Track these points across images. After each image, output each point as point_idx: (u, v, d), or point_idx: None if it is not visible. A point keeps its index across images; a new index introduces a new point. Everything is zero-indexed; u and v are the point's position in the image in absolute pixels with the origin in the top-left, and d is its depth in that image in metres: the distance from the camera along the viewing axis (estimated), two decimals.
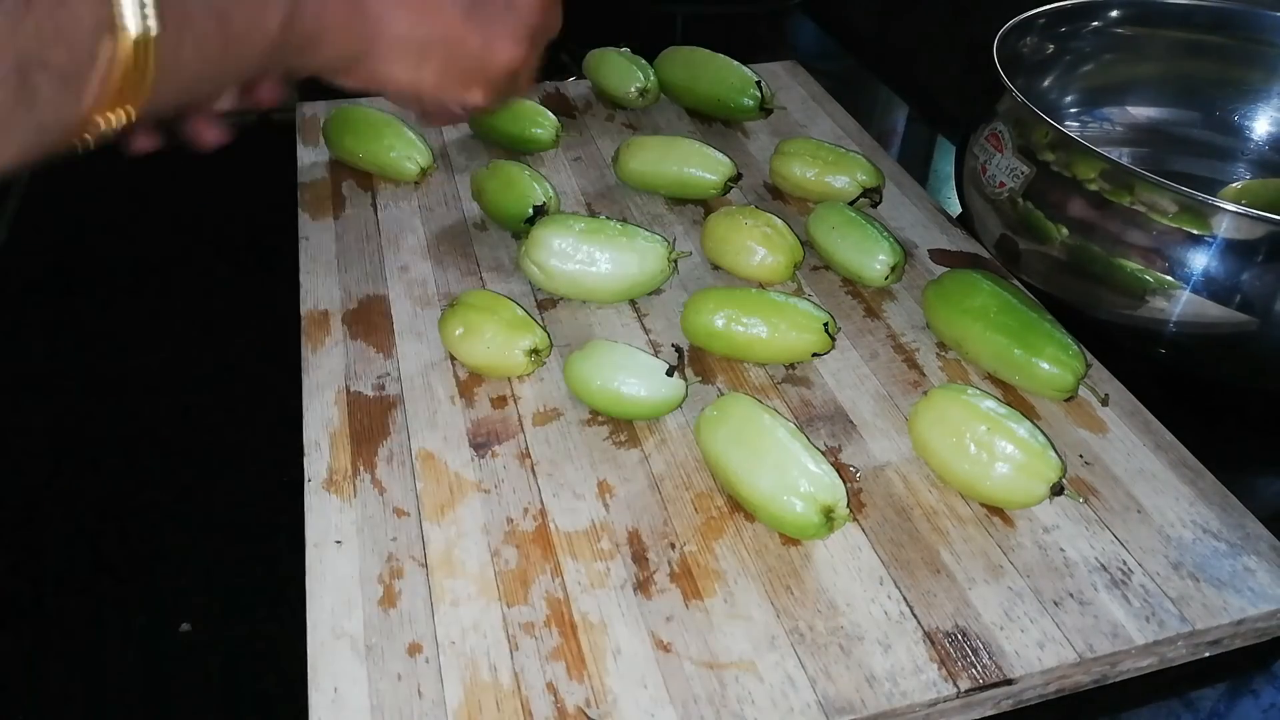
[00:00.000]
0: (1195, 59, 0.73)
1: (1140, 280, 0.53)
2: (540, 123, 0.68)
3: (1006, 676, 0.38)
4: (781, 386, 0.52)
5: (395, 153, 0.65)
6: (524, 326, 0.50)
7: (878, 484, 0.46)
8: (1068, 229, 0.55)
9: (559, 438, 0.48)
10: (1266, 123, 0.72)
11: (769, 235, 0.57)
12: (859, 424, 0.49)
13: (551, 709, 0.36)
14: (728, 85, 0.72)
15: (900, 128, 0.91)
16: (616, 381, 0.47)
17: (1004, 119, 0.59)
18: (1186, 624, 0.40)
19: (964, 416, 0.44)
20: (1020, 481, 0.42)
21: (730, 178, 0.64)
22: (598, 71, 0.77)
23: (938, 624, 0.40)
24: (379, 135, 0.66)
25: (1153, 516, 0.45)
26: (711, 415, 0.45)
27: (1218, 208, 0.49)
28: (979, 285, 0.52)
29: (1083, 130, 0.75)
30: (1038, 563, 0.42)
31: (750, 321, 0.51)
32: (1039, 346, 0.49)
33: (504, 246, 0.61)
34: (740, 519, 0.44)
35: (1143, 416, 0.50)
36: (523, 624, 0.39)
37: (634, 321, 0.56)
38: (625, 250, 0.54)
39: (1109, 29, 0.72)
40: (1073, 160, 0.55)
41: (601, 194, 0.67)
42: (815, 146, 0.65)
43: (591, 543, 0.43)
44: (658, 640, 0.39)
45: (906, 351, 0.54)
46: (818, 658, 0.38)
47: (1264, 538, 0.44)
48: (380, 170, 0.66)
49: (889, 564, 0.42)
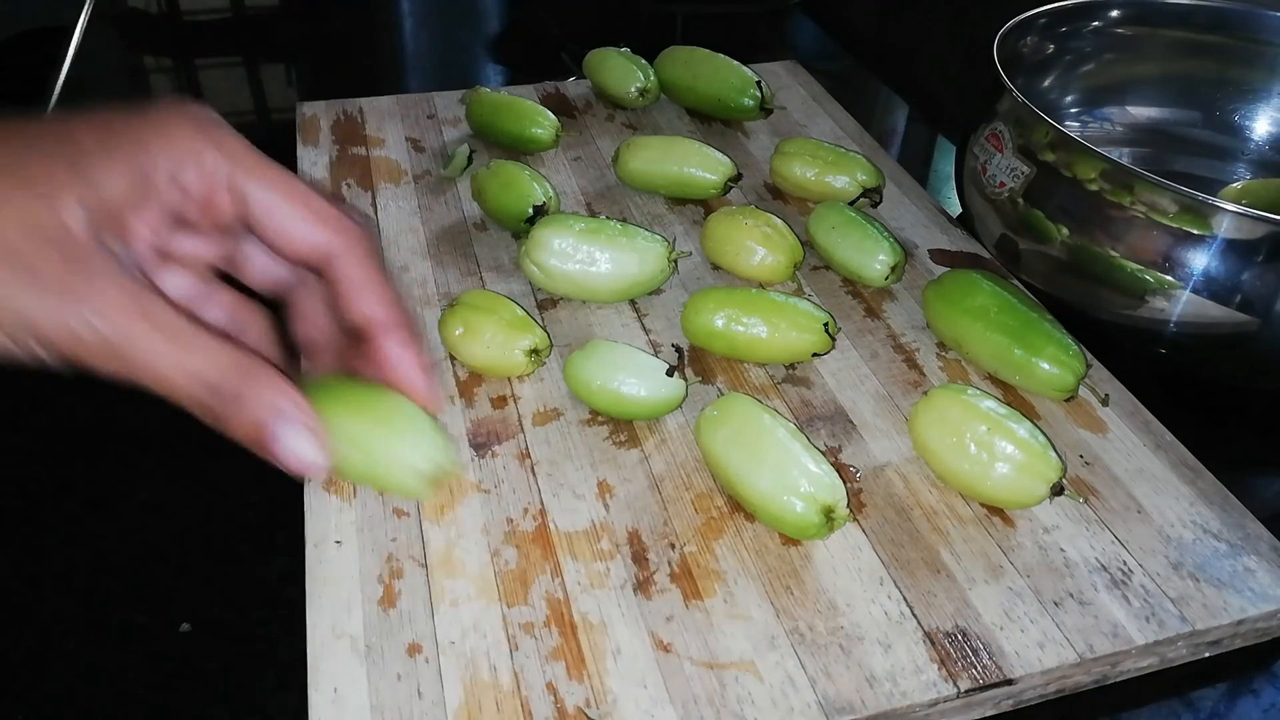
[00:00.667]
0: (1195, 59, 0.73)
1: (1140, 280, 0.53)
2: (540, 123, 0.68)
3: (1006, 677, 0.38)
4: (781, 386, 0.52)
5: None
6: (524, 326, 0.50)
7: (878, 484, 0.46)
8: (1068, 229, 0.55)
9: (559, 438, 0.48)
10: (1267, 123, 0.72)
11: (769, 235, 0.57)
12: (859, 424, 0.49)
13: (551, 709, 0.36)
14: (728, 85, 0.72)
15: (900, 128, 0.91)
16: (616, 381, 0.47)
17: (1004, 119, 0.59)
18: (1187, 624, 0.40)
19: (964, 416, 0.44)
20: (1020, 481, 0.42)
21: (730, 178, 0.64)
22: (598, 71, 0.77)
23: (938, 624, 0.40)
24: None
25: (1153, 516, 0.45)
26: (711, 415, 0.45)
27: (1218, 208, 0.49)
28: (979, 285, 0.52)
29: (1083, 130, 0.75)
30: (1038, 563, 0.42)
31: (750, 321, 0.51)
32: (1039, 346, 0.49)
33: (504, 246, 0.61)
34: (740, 519, 0.44)
35: (1143, 416, 0.50)
36: (522, 624, 0.39)
37: (634, 321, 0.56)
38: (625, 250, 0.54)
39: (1109, 29, 0.72)
40: (1073, 160, 0.55)
41: (601, 194, 0.67)
42: (815, 146, 0.65)
43: (591, 543, 0.43)
44: (658, 640, 0.39)
45: (906, 351, 0.54)
46: (818, 658, 0.38)
47: (1264, 538, 0.44)
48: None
49: (889, 564, 0.42)
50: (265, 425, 0.32)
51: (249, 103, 0.90)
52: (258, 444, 0.32)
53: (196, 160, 0.33)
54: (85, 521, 0.47)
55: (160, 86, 0.95)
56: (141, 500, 0.48)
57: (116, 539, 0.46)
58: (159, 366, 0.30)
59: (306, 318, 0.40)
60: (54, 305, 0.29)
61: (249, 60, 0.98)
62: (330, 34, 1.02)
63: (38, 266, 0.29)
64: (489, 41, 1.03)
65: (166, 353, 0.31)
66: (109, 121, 0.32)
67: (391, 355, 0.36)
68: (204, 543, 0.46)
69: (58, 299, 0.29)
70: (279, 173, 0.34)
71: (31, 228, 0.29)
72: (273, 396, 0.32)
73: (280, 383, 0.33)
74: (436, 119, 0.74)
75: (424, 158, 0.69)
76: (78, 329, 0.29)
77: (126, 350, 0.30)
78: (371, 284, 0.35)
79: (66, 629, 0.42)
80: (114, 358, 0.30)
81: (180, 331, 0.31)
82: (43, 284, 0.29)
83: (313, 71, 0.96)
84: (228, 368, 0.32)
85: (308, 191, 0.35)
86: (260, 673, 0.41)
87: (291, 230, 0.35)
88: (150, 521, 0.47)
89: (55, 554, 0.45)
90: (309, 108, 0.74)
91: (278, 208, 0.34)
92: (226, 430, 0.32)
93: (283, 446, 0.32)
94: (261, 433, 0.32)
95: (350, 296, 0.35)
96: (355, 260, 0.35)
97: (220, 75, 0.95)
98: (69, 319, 0.29)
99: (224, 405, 0.32)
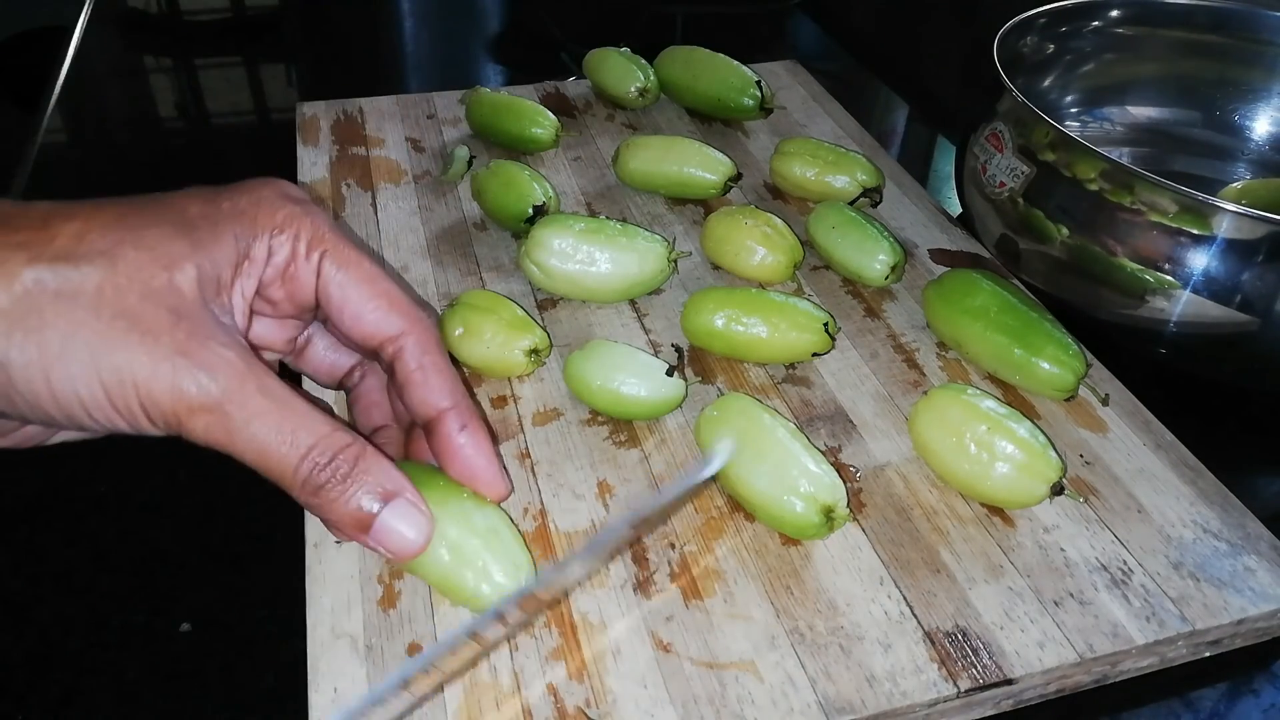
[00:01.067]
0: (1196, 59, 0.73)
1: (1140, 280, 0.53)
2: (540, 122, 0.68)
3: (1007, 676, 0.38)
4: (781, 386, 0.52)
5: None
6: (524, 326, 0.50)
7: (878, 484, 0.46)
8: (1068, 229, 0.55)
9: (559, 438, 0.48)
10: (1267, 123, 0.72)
11: (769, 235, 0.57)
12: (859, 424, 0.49)
13: (551, 709, 0.36)
14: (728, 85, 0.72)
15: (900, 127, 0.91)
16: (616, 381, 0.47)
17: (1004, 119, 0.59)
18: (1187, 624, 0.40)
19: (964, 416, 0.44)
20: (1020, 481, 0.42)
21: (730, 177, 0.64)
22: (597, 71, 0.77)
23: (938, 624, 0.40)
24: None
25: (1153, 516, 0.45)
26: (711, 415, 0.45)
27: (1218, 208, 0.49)
28: (979, 285, 0.52)
29: (1083, 130, 0.75)
30: (1038, 562, 0.42)
31: (750, 321, 0.51)
32: (1039, 346, 0.49)
33: (504, 246, 0.61)
34: (740, 519, 0.44)
35: (1143, 416, 0.50)
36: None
37: (634, 321, 0.56)
38: (625, 250, 0.54)
39: (1109, 29, 0.72)
40: (1073, 160, 0.55)
41: (601, 194, 0.67)
42: (815, 146, 0.65)
43: None
44: (658, 640, 0.39)
45: (906, 351, 0.54)
46: (818, 658, 0.38)
47: (1264, 537, 0.44)
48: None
49: (889, 564, 0.42)
50: (369, 510, 0.32)
51: (249, 103, 0.90)
52: (355, 525, 0.32)
53: (292, 234, 0.34)
54: (85, 521, 0.47)
55: (160, 86, 0.95)
56: (141, 500, 0.48)
57: (116, 539, 0.46)
58: (265, 436, 0.30)
59: (367, 407, 0.40)
60: (166, 365, 0.29)
61: (249, 60, 0.98)
62: (330, 34, 1.02)
63: (154, 327, 0.29)
64: (489, 41, 1.03)
65: (275, 423, 0.30)
66: (214, 196, 0.33)
67: (461, 447, 0.36)
68: (204, 543, 0.46)
69: (170, 358, 0.29)
70: (357, 254, 0.35)
71: (149, 291, 0.30)
72: (382, 479, 0.33)
73: (389, 466, 0.33)
74: (436, 119, 0.74)
75: (424, 158, 0.69)
76: (188, 389, 0.29)
77: (235, 414, 0.30)
78: (439, 372, 0.36)
79: (66, 629, 0.42)
80: (219, 422, 0.30)
81: (291, 401, 0.31)
82: (158, 343, 0.29)
83: (313, 71, 0.96)
84: (338, 446, 0.32)
85: (382, 275, 0.35)
86: (260, 673, 0.41)
87: (364, 313, 0.35)
88: (150, 521, 0.47)
89: (55, 554, 0.45)
90: (309, 108, 0.74)
91: (353, 290, 0.35)
92: (320, 510, 0.32)
93: (386, 530, 0.33)
94: (363, 517, 0.32)
95: (417, 384, 0.36)
96: (423, 348, 0.36)
97: (220, 75, 0.95)
98: (181, 379, 0.29)
99: (328, 484, 0.31)
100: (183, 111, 0.90)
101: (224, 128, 0.87)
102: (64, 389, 0.29)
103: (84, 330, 0.28)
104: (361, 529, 0.32)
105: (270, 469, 0.31)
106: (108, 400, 0.29)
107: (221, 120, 0.88)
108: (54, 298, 0.28)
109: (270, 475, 0.31)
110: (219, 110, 0.89)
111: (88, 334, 0.29)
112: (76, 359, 0.28)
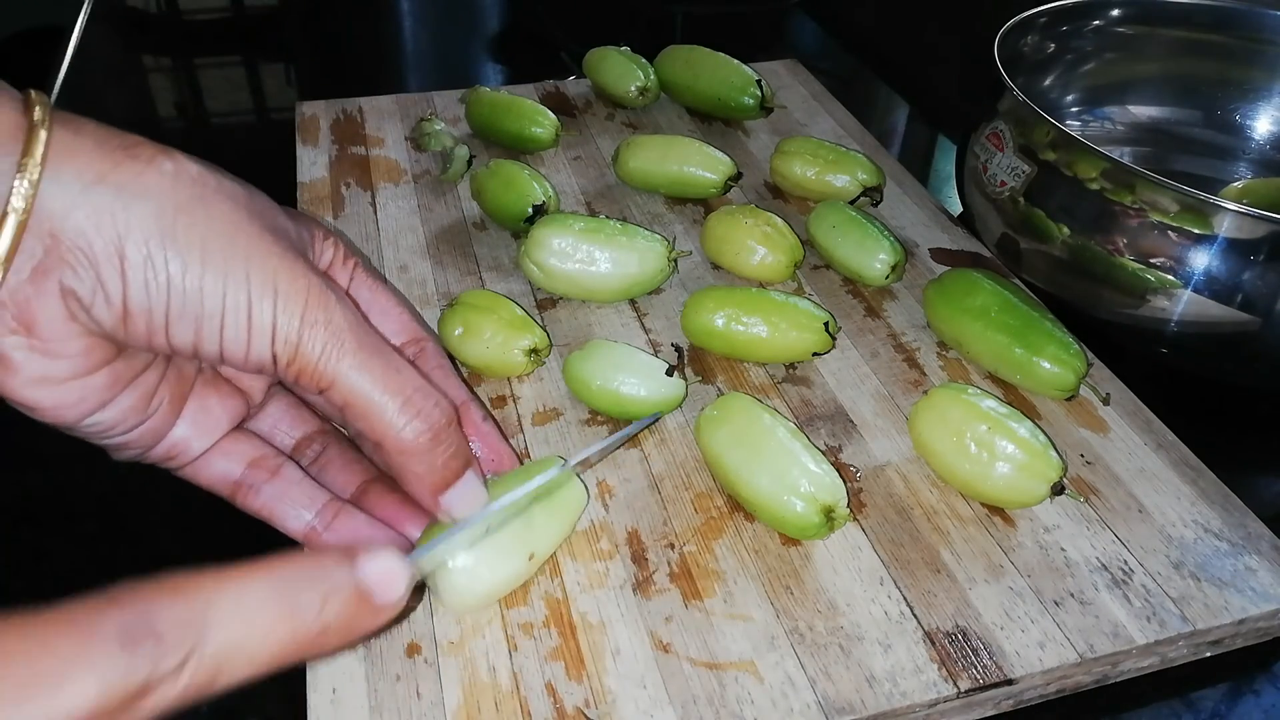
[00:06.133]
0: (1196, 58, 0.73)
1: (1141, 279, 0.53)
2: (540, 122, 0.68)
3: (1007, 676, 0.38)
4: (781, 386, 0.51)
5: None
6: (523, 326, 0.50)
7: (878, 484, 0.46)
8: (1069, 228, 0.55)
9: (559, 437, 0.48)
10: (1268, 122, 0.72)
11: (769, 234, 0.57)
12: (859, 424, 0.49)
13: (550, 709, 0.36)
14: (728, 84, 0.72)
15: (901, 127, 0.91)
16: (616, 381, 0.47)
17: (1005, 118, 0.59)
18: (1188, 624, 0.40)
19: (964, 416, 0.44)
20: (1021, 481, 0.42)
21: (730, 177, 0.64)
22: (597, 70, 0.77)
23: (938, 624, 0.39)
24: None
25: (1154, 516, 0.44)
26: (711, 415, 0.45)
27: (1219, 207, 0.49)
28: (980, 284, 0.52)
29: (1084, 129, 0.75)
30: (1038, 562, 0.42)
31: (750, 321, 0.50)
32: (1040, 346, 0.49)
33: (503, 246, 0.61)
34: (740, 519, 0.44)
35: (1144, 416, 0.50)
36: (521, 624, 0.39)
37: (634, 321, 0.56)
38: (625, 249, 0.54)
39: (1110, 28, 0.72)
40: (1074, 159, 0.55)
41: (601, 193, 0.67)
42: (816, 145, 0.65)
43: (591, 543, 0.42)
44: (657, 640, 0.39)
45: (907, 351, 0.54)
46: (818, 658, 0.38)
47: (1265, 537, 0.44)
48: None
49: (889, 564, 0.42)
50: (459, 466, 0.35)
51: (248, 102, 0.90)
52: (448, 475, 0.34)
53: (334, 243, 0.36)
54: (85, 521, 0.47)
55: (159, 86, 0.95)
56: (142, 501, 0.48)
57: (116, 539, 0.46)
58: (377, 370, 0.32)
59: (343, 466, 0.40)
60: (304, 281, 0.31)
61: (248, 60, 0.98)
62: (330, 34, 1.02)
63: (295, 250, 0.32)
64: (489, 41, 1.02)
65: (385, 362, 0.32)
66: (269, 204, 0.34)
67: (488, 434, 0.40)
68: (204, 542, 0.46)
69: (308, 275, 0.31)
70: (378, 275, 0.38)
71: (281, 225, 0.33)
72: (465, 446, 0.35)
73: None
74: (437, 119, 0.74)
75: (424, 157, 0.69)
76: (317, 307, 0.31)
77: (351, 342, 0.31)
78: (452, 373, 0.39)
79: None
80: (335, 345, 0.31)
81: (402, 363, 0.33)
82: (299, 261, 0.31)
83: (312, 71, 0.96)
84: (438, 397, 0.34)
85: (399, 293, 0.38)
86: None
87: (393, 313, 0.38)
88: (150, 521, 0.47)
89: (55, 554, 0.45)
90: (308, 107, 0.74)
91: (382, 295, 0.38)
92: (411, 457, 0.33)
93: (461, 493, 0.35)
94: (453, 472, 0.34)
95: (439, 380, 0.38)
96: (440, 351, 0.39)
97: (219, 75, 0.95)
98: (315, 293, 0.31)
99: (435, 431, 0.33)
100: (182, 111, 0.90)
101: (223, 127, 0.87)
102: (213, 288, 0.29)
103: (241, 234, 0.30)
104: (446, 484, 0.34)
105: (371, 407, 0.32)
106: (247, 304, 0.30)
107: (221, 120, 0.88)
108: (215, 191, 0.30)
109: (365, 411, 0.32)
110: (218, 110, 0.89)
111: (245, 238, 0.30)
112: (236, 254, 0.29)
